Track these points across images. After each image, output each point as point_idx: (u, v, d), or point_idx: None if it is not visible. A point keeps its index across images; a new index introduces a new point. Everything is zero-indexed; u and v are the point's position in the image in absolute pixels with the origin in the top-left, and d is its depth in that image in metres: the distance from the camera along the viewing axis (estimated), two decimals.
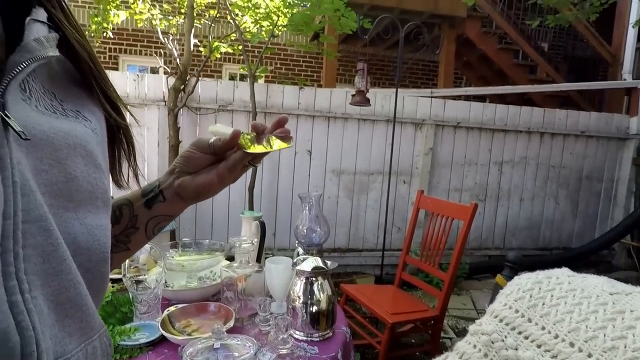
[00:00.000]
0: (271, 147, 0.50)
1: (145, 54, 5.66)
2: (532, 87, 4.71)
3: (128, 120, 0.43)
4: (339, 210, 3.44)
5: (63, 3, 0.36)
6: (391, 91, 3.29)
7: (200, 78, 3.05)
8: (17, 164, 0.26)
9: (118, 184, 0.42)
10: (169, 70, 3.26)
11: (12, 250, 0.25)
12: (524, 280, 0.78)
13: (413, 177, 3.53)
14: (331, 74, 4.82)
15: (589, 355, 0.58)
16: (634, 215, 3.62)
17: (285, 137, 0.51)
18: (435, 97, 3.67)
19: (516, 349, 0.69)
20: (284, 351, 0.90)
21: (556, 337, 0.65)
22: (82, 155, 0.32)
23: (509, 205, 3.78)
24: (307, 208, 0.99)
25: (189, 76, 3.02)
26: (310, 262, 1.00)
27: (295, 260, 1.02)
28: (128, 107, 0.43)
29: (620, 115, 4.00)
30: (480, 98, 4.86)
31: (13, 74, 0.27)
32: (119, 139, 0.41)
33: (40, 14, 0.32)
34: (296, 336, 0.99)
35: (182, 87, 2.96)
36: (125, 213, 0.49)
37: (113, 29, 3.75)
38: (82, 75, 0.36)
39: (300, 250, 1.07)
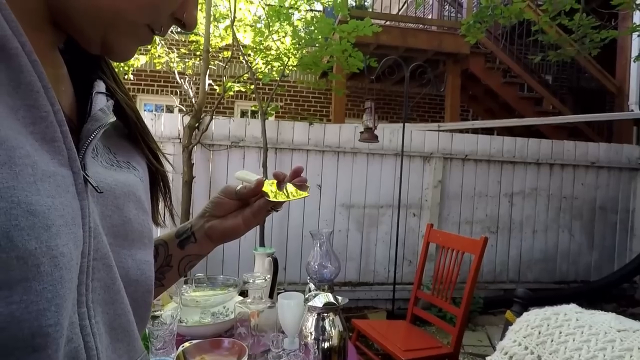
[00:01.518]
0: (291, 196, 0.56)
1: (162, 93, 5.94)
2: (539, 119, 4.77)
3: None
4: (349, 243, 3.44)
5: (115, 75, 0.43)
6: (399, 126, 3.38)
7: (214, 116, 3.18)
8: (91, 212, 0.32)
9: (156, 222, 0.48)
10: (185, 109, 3.42)
11: (85, 283, 0.30)
12: (533, 316, 0.79)
13: (423, 209, 3.53)
14: (340, 109, 4.97)
15: None
16: None
17: (302, 186, 0.56)
18: (443, 130, 3.75)
19: None
20: None
21: None
22: (134, 201, 0.38)
23: (522, 237, 3.73)
24: (318, 245, 1.02)
25: (203, 114, 3.16)
26: (322, 298, 1.02)
27: (307, 296, 1.04)
28: (166, 155, 0.49)
29: (630, 145, 4.00)
30: (488, 130, 4.93)
31: (89, 140, 0.33)
32: (158, 183, 0.47)
33: (101, 86, 0.39)
34: None
35: (196, 124, 3.09)
36: (161, 252, 0.54)
37: (133, 71, 3.99)
38: (129, 131, 0.44)
39: (312, 286, 1.09)
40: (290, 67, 3.52)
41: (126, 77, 3.90)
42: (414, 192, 3.50)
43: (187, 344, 1.05)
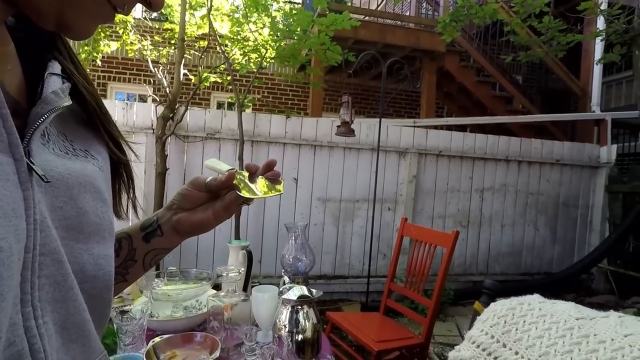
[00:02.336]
0: (263, 193, 0.53)
1: (135, 82, 5.72)
2: (509, 117, 4.94)
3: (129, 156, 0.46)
4: (324, 237, 3.46)
5: (73, 55, 0.41)
6: (375, 121, 3.41)
7: (189, 107, 3.10)
8: (37, 203, 0.29)
9: (118, 214, 0.45)
10: (158, 99, 3.31)
11: (30, 280, 0.28)
12: (499, 306, 0.83)
13: (398, 204, 3.59)
14: (317, 103, 4.95)
15: None
16: (609, 241, 3.75)
17: (275, 180, 0.55)
18: (418, 126, 3.81)
19: None
20: None
21: None
22: (91, 191, 0.36)
23: (490, 231, 3.87)
24: (293, 237, 1.02)
25: (177, 105, 3.07)
26: (296, 291, 1.02)
27: (281, 289, 1.04)
28: (129, 143, 0.47)
29: (591, 144, 4.21)
30: (461, 127, 5.06)
31: (36, 125, 0.31)
32: (120, 173, 0.45)
33: (55, 67, 0.36)
34: None
35: (170, 115, 3.00)
36: (124, 246, 0.51)
37: (103, 57, 3.82)
38: (88, 117, 0.41)
39: (287, 279, 1.09)
40: (268, 59, 3.47)
41: (94, 63, 3.73)
42: (389, 186, 3.56)
43: (157, 339, 1.03)
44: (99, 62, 3.79)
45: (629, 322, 0.63)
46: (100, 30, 3.51)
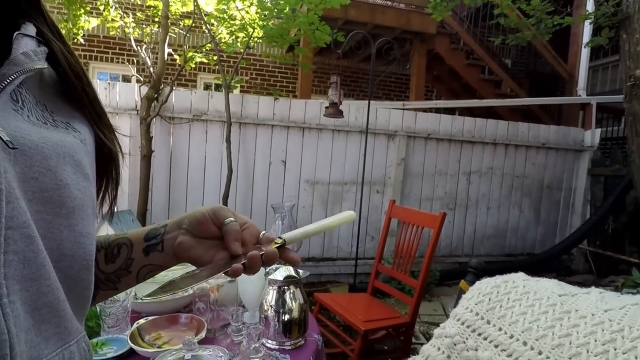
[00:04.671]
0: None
1: (117, 62, 5.53)
2: (497, 101, 4.96)
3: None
4: (313, 219, 3.46)
5: (49, 20, 0.37)
6: (364, 103, 3.38)
7: (174, 87, 3.02)
8: (3, 172, 0.27)
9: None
10: (142, 79, 3.21)
11: None
12: (484, 284, 0.83)
13: (386, 186, 3.61)
14: (306, 85, 4.88)
15: (539, 353, 0.64)
16: (589, 223, 3.85)
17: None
18: (407, 109, 3.80)
19: (476, 350, 0.74)
20: None
21: (511, 337, 0.71)
22: (71, 164, 0.33)
23: (477, 213, 3.93)
24: (280, 218, 1.01)
25: (162, 85, 2.99)
26: (283, 272, 1.02)
27: (267, 270, 1.04)
28: (115, 131, 0.44)
29: (576, 128, 4.27)
30: (450, 110, 5.06)
31: (2, 87, 0.28)
32: (109, 171, 0.42)
33: (30, 29, 0.33)
34: (268, 345, 1.00)
35: (155, 96, 2.92)
36: (122, 254, 0.47)
37: (83, 35, 3.66)
38: (70, 89, 0.38)
39: None
40: (256, 39, 3.38)
41: (76, 40, 3.58)
42: (378, 169, 3.56)
43: (142, 321, 1.02)
44: (80, 40, 3.63)
45: (609, 297, 0.64)
46: (79, 5, 3.35)
